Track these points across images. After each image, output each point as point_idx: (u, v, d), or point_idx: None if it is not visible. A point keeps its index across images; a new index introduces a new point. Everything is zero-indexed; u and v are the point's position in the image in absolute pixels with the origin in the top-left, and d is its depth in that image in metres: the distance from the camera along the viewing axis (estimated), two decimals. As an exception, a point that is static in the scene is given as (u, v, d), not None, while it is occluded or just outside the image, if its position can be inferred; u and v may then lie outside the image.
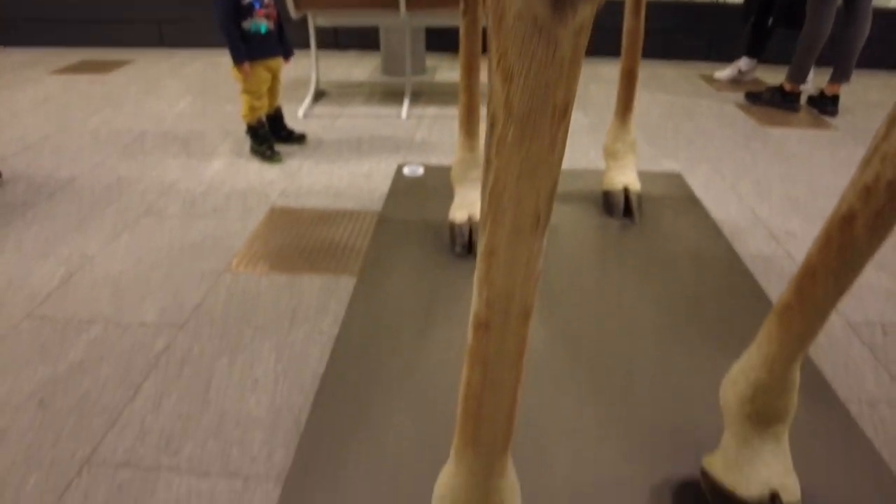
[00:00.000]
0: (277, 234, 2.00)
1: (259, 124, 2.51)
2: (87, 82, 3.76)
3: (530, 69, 0.45)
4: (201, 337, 1.53)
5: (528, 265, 0.52)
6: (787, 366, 0.87)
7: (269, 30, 2.36)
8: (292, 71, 3.07)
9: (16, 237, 1.98)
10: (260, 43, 2.37)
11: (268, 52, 2.40)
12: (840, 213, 0.74)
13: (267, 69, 2.43)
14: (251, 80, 2.40)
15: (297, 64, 2.85)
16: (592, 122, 3.16)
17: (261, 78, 2.42)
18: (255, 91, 2.42)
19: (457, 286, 1.53)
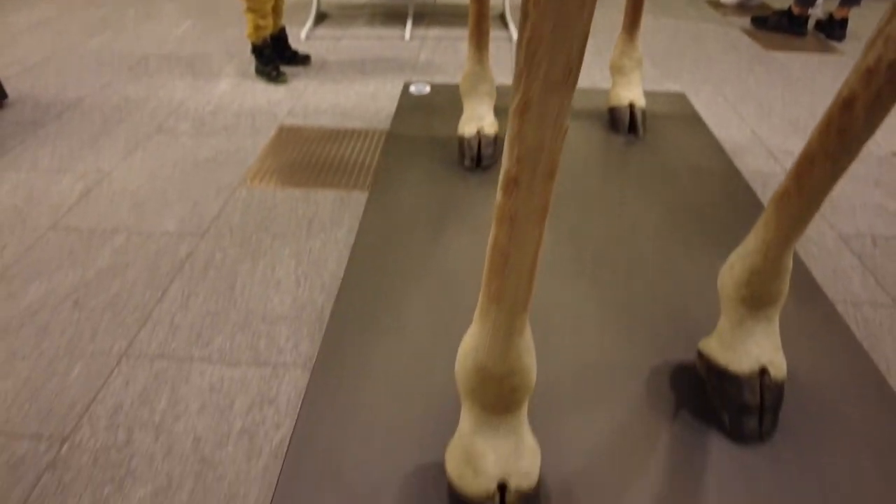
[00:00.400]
0: (288, 151, 2.03)
1: (264, 44, 2.49)
2: (83, 5, 3.67)
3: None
4: (223, 244, 1.59)
5: (557, 119, 0.57)
6: (781, 251, 0.94)
7: None
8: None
9: (31, 154, 2.02)
10: None
11: None
12: (842, 97, 0.79)
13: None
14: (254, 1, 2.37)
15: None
16: (597, 45, 3.13)
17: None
18: (259, 9, 2.39)
19: (466, 197, 1.59)
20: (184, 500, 1.02)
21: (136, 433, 1.12)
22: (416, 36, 3.11)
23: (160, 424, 1.13)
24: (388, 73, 2.68)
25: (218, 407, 1.16)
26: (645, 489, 0.92)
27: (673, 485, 0.94)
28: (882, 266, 1.62)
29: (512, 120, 0.59)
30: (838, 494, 0.92)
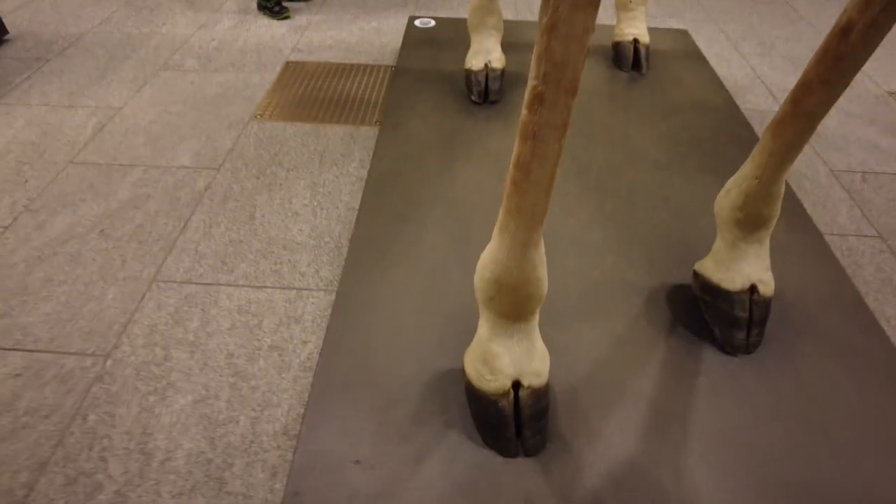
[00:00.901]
0: (295, 86, 2.06)
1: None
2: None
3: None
4: (239, 176, 1.65)
5: (582, 37, 0.63)
6: (775, 176, 1.01)
7: None
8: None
9: (39, 90, 2.03)
10: None
11: None
12: (839, 26, 0.84)
13: None
14: None
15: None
16: None
17: None
18: None
19: (474, 129, 1.64)
20: (222, 407, 1.12)
21: (172, 350, 1.21)
22: None
23: (194, 342, 1.22)
24: (392, 7, 2.65)
25: (247, 326, 1.25)
26: (642, 392, 1.03)
27: (667, 389, 1.04)
28: (869, 200, 1.70)
29: (540, 37, 0.64)
30: (815, 397, 1.03)
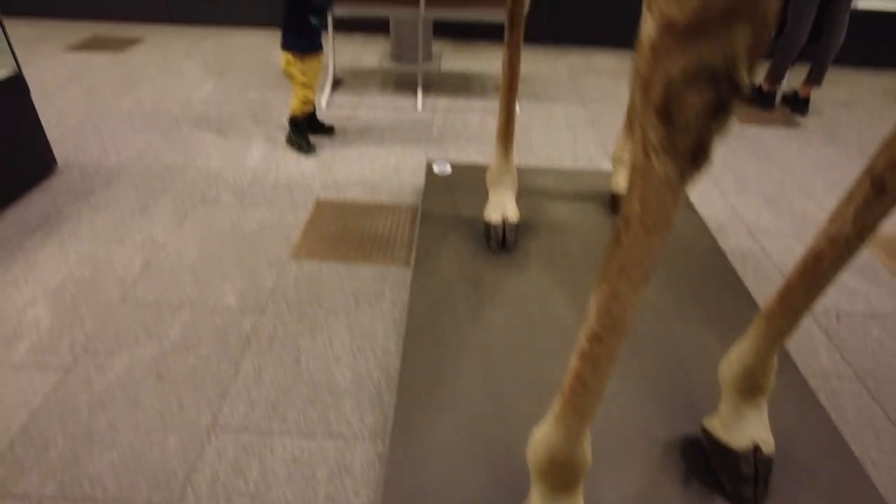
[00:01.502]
0: (327, 225, 2.26)
1: (304, 117, 2.73)
2: (105, 61, 3.86)
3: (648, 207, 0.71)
4: (282, 318, 1.80)
5: (635, 305, 0.82)
6: (770, 353, 1.21)
7: (318, 26, 2.57)
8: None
9: (88, 224, 2.20)
10: (317, 35, 2.57)
11: (319, 46, 2.61)
12: (813, 251, 1.07)
13: (317, 62, 2.64)
14: (309, 73, 2.61)
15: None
16: (591, 116, 3.44)
17: (316, 70, 2.64)
18: (312, 84, 2.64)
19: (497, 276, 1.84)
20: (281, 558, 1.21)
21: (234, 500, 1.31)
22: (426, 105, 3.39)
23: (255, 494, 1.33)
24: (407, 144, 2.93)
25: (303, 476, 1.36)
26: (668, 548, 1.16)
27: (688, 543, 1.18)
28: (845, 340, 1.91)
29: (604, 301, 0.83)
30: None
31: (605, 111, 3.53)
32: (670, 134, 0.63)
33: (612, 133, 3.24)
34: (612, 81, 4.01)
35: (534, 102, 3.55)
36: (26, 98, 2.38)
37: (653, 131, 0.65)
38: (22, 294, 1.86)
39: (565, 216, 2.19)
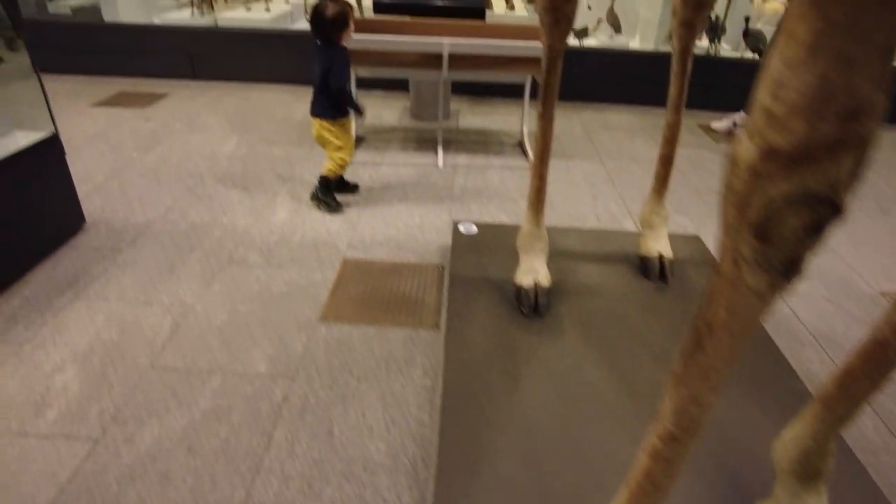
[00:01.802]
0: (354, 285, 2.25)
1: (335, 179, 2.77)
2: (131, 117, 3.95)
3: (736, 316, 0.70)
4: (313, 385, 1.77)
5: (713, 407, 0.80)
6: (827, 438, 1.17)
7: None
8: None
9: (116, 284, 2.20)
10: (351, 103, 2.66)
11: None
12: (876, 339, 1.04)
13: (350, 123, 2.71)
14: (343, 136, 2.67)
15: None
16: (609, 173, 3.47)
17: (350, 132, 2.70)
18: (347, 146, 2.69)
19: (530, 342, 1.81)
20: None
21: (270, 586, 1.25)
22: (447, 163, 3.43)
23: (291, 578, 1.27)
24: (430, 202, 2.95)
25: (341, 560, 1.31)
26: None
27: None
28: (887, 409, 1.86)
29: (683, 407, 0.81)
30: None
31: (623, 168, 3.56)
32: (766, 250, 0.63)
33: (632, 191, 3.26)
34: (627, 138, 4.07)
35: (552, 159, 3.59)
36: (60, 158, 2.42)
37: (747, 247, 0.64)
38: (50, 358, 1.84)
39: (594, 279, 2.18)
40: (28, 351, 1.86)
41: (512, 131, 4.04)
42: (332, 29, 2.52)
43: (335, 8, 2.49)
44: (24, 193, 2.23)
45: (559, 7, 1.65)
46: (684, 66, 2.02)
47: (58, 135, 2.40)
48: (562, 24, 1.68)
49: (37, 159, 2.29)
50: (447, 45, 3.09)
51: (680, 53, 2.00)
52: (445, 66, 3.17)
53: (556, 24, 1.68)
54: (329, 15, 2.49)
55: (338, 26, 2.52)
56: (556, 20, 1.67)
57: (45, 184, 2.35)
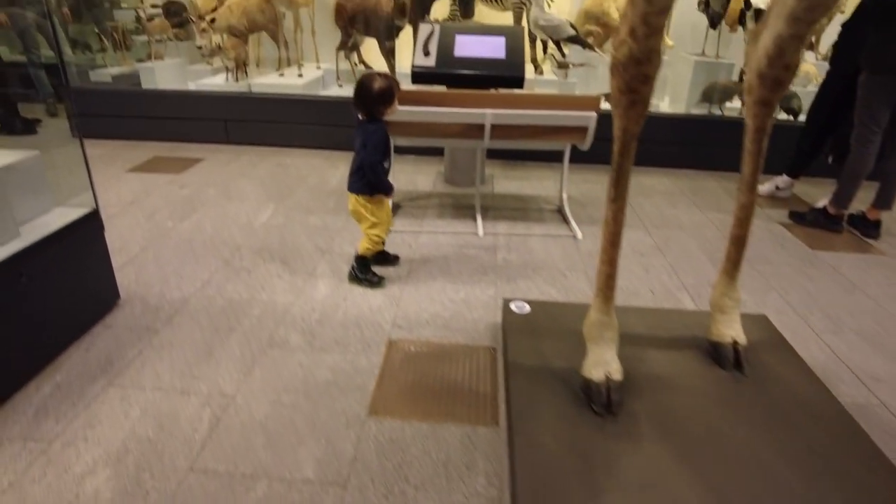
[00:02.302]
0: (403, 371, 2.10)
1: (372, 257, 2.66)
2: (166, 182, 3.93)
3: None
4: (367, 494, 1.60)
5: None
6: None
7: (387, 170, 2.56)
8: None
9: (152, 370, 2.07)
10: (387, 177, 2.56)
11: (391, 188, 2.58)
12: None
13: (385, 204, 2.61)
14: (379, 213, 2.58)
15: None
16: (657, 243, 3.34)
17: (387, 209, 2.60)
18: (382, 222, 2.59)
19: (607, 446, 1.63)
20: None
21: None
22: (487, 231, 3.32)
23: None
24: (474, 274, 2.83)
25: None
26: None
27: None
28: None
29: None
30: None
31: (670, 237, 3.43)
32: None
33: (683, 262, 3.11)
34: (667, 203, 3.95)
35: (594, 226, 3.48)
36: (99, 234, 2.35)
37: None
38: (81, 458, 1.69)
39: (665, 368, 2.01)
40: (57, 449, 1.73)
41: (549, 196, 3.95)
42: (377, 103, 2.46)
43: (382, 82, 2.44)
44: (62, 271, 2.14)
45: (637, 89, 1.56)
46: (759, 145, 1.91)
47: (98, 210, 2.33)
48: (638, 107, 1.59)
49: (76, 236, 2.21)
50: (490, 116, 3.03)
51: (755, 133, 1.90)
52: (487, 136, 3.11)
53: (632, 106, 1.59)
54: (375, 89, 2.44)
55: (382, 101, 2.46)
56: (632, 102, 1.58)
57: (83, 260, 2.27)
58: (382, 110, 2.48)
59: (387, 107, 2.47)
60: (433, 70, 3.56)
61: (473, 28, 4.17)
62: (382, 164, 2.51)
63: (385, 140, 2.50)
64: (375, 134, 2.47)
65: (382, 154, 2.50)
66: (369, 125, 2.47)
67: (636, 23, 1.47)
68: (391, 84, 2.46)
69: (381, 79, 2.45)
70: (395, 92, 2.47)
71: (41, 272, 2.04)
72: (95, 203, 2.32)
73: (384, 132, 2.50)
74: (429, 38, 3.68)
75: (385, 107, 2.47)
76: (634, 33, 1.49)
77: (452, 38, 3.70)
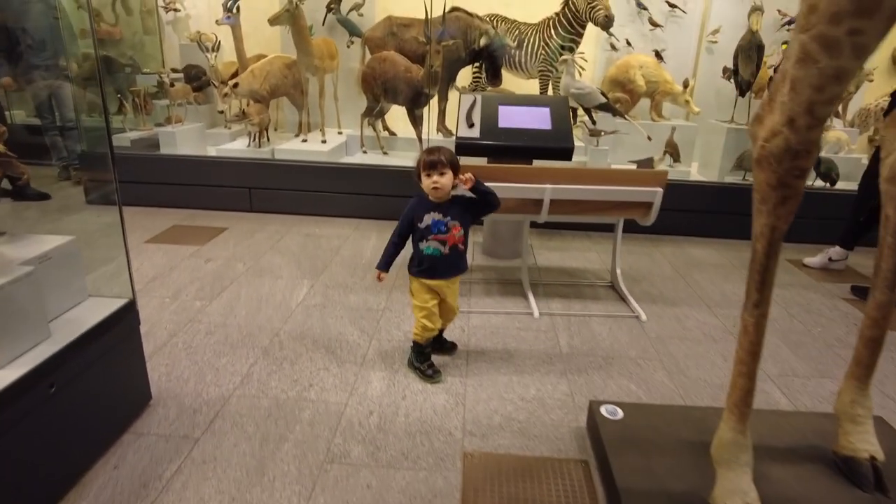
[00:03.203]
0: (487, 495, 1.80)
1: (426, 343, 2.40)
2: (189, 255, 3.69)
3: None
4: None
5: None
6: None
7: (443, 254, 2.31)
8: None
9: (194, 491, 1.77)
10: (429, 263, 2.30)
11: (434, 273, 2.32)
12: None
13: (429, 289, 2.35)
14: (419, 296, 2.34)
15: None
16: (726, 325, 3.10)
17: (424, 295, 2.35)
18: (426, 306, 2.34)
19: None
20: None
21: None
22: (542, 310, 3.09)
23: None
24: (540, 365, 2.57)
25: None
26: None
27: None
28: None
29: None
30: None
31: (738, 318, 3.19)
32: None
33: (760, 347, 2.86)
34: (721, 278, 3.75)
35: (654, 305, 3.25)
36: (135, 329, 2.09)
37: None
38: None
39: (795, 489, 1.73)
40: None
41: (596, 269, 3.74)
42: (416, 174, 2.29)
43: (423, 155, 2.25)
44: (94, 375, 1.87)
45: (790, 183, 1.36)
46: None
47: (135, 301, 2.08)
48: (790, 203, 1.39)
49: (111, 332, 1.95)
50: (549, 191, 2.85)
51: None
52: (545, 211, 2.92)
53: (783, 203, 1.38)
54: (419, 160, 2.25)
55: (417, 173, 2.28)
56: (783, 198, 1.38)
57: (117, 360, 1.99)
58: (417, 182, 2.29)
59: (418, 179, 2.28)
60: (477, 141, 3.41)
61: (516, 99, 4.07)
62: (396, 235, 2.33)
63: (406, 213, 2.31)
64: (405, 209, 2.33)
65: (399, 227, 2.32)
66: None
67: (797, 112, 1.29)
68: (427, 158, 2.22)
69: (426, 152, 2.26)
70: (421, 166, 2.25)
71: (72, 379, 1.76)
72: (133, 293, 2.08)
73: (409, 205, 2.32)
74: (471, 109, 3.55)
75: (417, 179, 2.28)
76: (794, 124, 1.30)
77: (496, 108, 3.58)
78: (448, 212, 2.26)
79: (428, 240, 2.28)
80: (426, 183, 2.23)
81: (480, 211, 2.35)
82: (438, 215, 2.25)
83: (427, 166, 2.21)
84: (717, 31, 5.68)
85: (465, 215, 2.30)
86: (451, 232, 2.27)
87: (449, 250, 2.29)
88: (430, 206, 2.27)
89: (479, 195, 2.28)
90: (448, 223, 2.26)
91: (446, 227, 2.26)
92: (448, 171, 2.22)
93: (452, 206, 2.27)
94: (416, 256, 2.32)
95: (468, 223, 2.33)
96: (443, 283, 2.34)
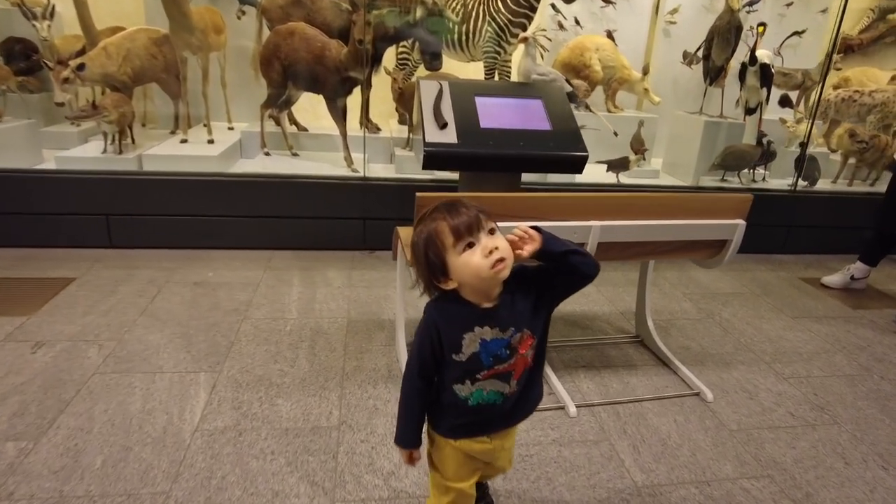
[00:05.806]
0: None
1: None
2: (5, 339, 2.31)
3: None
4: None
5: None
6: None
7: (506, 395, 1.22)
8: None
9: None
10: (480, 416, 1.23)
11: (487, 428, 1.26)
12: None
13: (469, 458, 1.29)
14: (447, 465, 1.29)
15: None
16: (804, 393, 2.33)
17: (457, 467, 1.29)
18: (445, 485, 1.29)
19: None
20: None
21: None
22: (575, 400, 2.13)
23: None
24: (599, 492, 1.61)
25: None
26: None
27: None
28: None
29: None
30: None
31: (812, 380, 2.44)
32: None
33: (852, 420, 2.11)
34: (752, 314, 3.01)
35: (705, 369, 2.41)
36: None
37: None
38: None
39: None
40: None
41: (606, 314, 2.86)
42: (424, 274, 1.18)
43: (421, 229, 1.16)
44: None
45: None
46: None
47: None
48: None
49: None
50: (597, 231, 1.88)
51: None
52: (586, 257, 1.95)
53: None
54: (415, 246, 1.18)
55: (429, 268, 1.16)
56: None
57: None
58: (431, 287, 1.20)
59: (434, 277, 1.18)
60: (456, 149, 2.37)
61: (496, 87, 3.06)
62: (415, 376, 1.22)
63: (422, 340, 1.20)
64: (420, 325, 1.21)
65: (418, 364, 1.21)
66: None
67: None
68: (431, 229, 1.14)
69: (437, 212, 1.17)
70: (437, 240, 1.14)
71: None
72: None
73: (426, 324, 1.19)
74: (438, 102, 2.49)
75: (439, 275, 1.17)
76: None
77: (472, 100, 2.55)
78: (508, 315, 1.18)
79: (478, 380, 1.20)
80: (478, 266, 1.10)
81: (564, 288, 1.25)
82: (493, 330, 1.17)
83: (459, 233, 1.11)
84: (676, 10, 5.00)
85: (536, 311, 1.23)
86: (519, 353, 1.20)
87: (516, 386, 1.23)
88: (471, 316, 1.16)
89: (554, 262, 1.22)
90: (512, 339, 1.19)
91: (509, 349, 1.19)
92: (494, 225, 1.16)
93: (511, 299, 1.19)
94: (451, 408, 1.23)
95: (543, 320, 1.27)
96: (497, 442, 1.29)
